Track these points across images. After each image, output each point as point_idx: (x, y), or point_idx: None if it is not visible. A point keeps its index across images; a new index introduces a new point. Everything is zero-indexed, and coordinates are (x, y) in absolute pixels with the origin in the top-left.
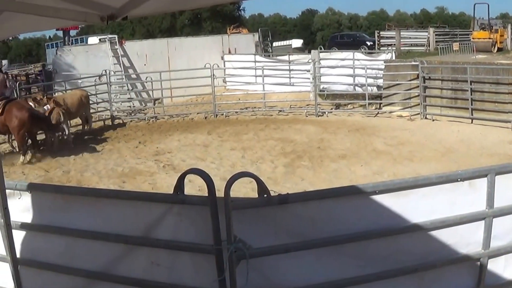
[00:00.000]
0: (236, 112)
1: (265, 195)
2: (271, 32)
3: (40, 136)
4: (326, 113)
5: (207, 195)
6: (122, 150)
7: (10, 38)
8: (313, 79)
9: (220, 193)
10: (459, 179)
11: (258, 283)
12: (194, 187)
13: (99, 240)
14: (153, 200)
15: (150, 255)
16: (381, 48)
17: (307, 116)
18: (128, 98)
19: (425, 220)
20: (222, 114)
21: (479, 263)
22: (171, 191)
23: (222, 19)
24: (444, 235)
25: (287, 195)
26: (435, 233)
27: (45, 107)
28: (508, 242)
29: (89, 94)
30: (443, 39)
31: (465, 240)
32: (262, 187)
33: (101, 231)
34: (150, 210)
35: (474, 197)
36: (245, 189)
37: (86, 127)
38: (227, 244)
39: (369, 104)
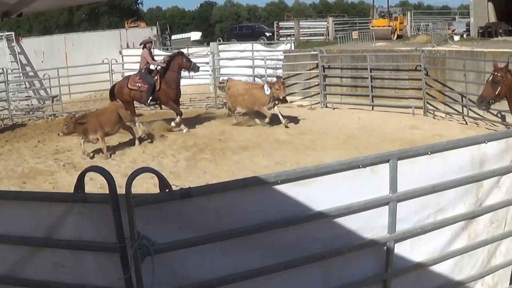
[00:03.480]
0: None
1: (167, 190)
2: (169, 25)
3: None
4: (227, 105)
5: (108, 192)
6: (21, 150)
7: None
8: (212, 71)
9: (121, 189)
10: (361, 166)
11: (165, 279)
12: (96, 185)
13: (2, 243)
14: (53, 200)
15: (54, 257)
16: (280, 39)
17: (207, 109)
18: (26, 97)
19: (329, 207)
20: None
21: (385, 247)
22: (73, 190)
23: (119, 13)
24: (348, 221)
25: (190, 189)
26: (339, 219)
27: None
28: (414, 225)
29: None
30: (342, 28)
31: (370, 225)
32: (163, 182)
33: (3, 233)
34: (51, 210)
35: (377, 183)
36: (147, 185)
37: None
38: (131, 241)
39: None
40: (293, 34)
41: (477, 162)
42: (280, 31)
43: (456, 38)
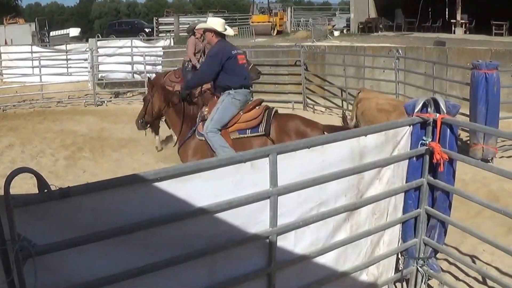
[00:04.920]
0: (14, 106)
1: (46, 190)
2: (48, 21)
3: None
4: (105, 102)
5: None
6: None
7: None
8: (91, 68)
9: (1, 191)
10: (241, 161)
11: (48, 281)
12: None
13: None
14: None
15: None
16: (160, 35)
17: (86, 106)
18: None
19: (210, 203)
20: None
21: (268, 241)
22: None
23: None
24: (231, 217)
25: (68, 188)
26: (222, 215)
27: None
28: (296, 219)
29: None
30: None
31: (253, 220)
32: (42, 182)
33: None
34: None
35: (258, 177)
36: (27, 185)
37: None
38: (12, 243)
39: None
40: (173, 30)
41: (357, 154)
42: (159, 27)
43: (336, 33)
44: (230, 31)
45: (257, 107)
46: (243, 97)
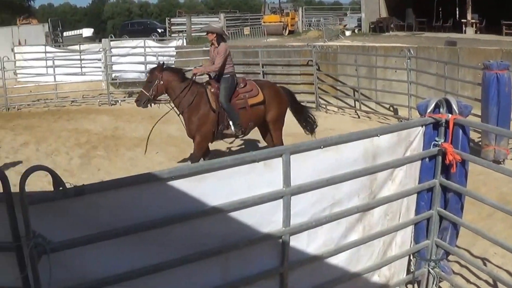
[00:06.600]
0: (28, 105)
1: (61, 188)
2: (61, 22)
3: None
4: (119, 101)
5: (1, 191)
6: None
7: None
8: (104, 68)
9: (16, 188)
10: (254, 160)
11: (62, 277)
12: None
13: None
14: None
15: None
16: (172, 35)
17: (100, 106)
18: None
19: (224, 202)
20: (14, 108)
21: (281, 240)
22: None
23: (11, 10)
24: (244, 216)
25: (83, 186)
26: (235, 214)
27: None
28: (309, 218)
29: None
30: (234, 24)
31: (266, 219)
32: (57, 180)
33: None
34: None
35: (271, 177)
36: (41, 183)
37: None
38: (26, 240)
39: None
40: (185, 30)
41: (370, 155)
42: (172, 27)
43: (348, 33)
44: None
45: None
46: None
